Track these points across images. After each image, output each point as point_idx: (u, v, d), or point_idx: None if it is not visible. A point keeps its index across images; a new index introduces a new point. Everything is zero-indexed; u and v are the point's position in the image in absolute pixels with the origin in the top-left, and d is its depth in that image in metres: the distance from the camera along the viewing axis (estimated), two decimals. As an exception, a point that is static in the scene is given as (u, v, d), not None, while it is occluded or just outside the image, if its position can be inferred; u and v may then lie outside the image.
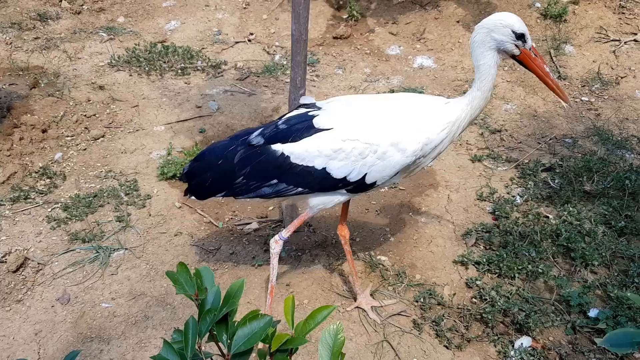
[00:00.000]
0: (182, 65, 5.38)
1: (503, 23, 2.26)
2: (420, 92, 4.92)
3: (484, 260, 3.14)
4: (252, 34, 6.09)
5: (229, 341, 1.35)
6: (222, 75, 5.31)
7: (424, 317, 2.82)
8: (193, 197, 2.68)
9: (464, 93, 2.49)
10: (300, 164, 2.39)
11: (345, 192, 2.47)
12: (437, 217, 3.52)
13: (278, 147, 2.42)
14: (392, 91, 4.91)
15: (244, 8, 6.46)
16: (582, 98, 4.84)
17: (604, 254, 3.17)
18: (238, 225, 3.51)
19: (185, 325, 1.34)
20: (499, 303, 2.84)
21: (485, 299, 2.90)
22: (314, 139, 2.36)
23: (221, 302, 1.38)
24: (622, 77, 5.06)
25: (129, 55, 5.46)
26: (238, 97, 4.93)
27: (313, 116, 2.43)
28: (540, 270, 3.03)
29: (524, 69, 2.40)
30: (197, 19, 6.30)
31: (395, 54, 5.66)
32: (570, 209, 3.44)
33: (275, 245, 2.59)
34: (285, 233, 2.60)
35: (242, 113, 4.72)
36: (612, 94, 4.86)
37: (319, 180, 2.40)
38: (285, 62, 5.55)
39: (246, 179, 2.49)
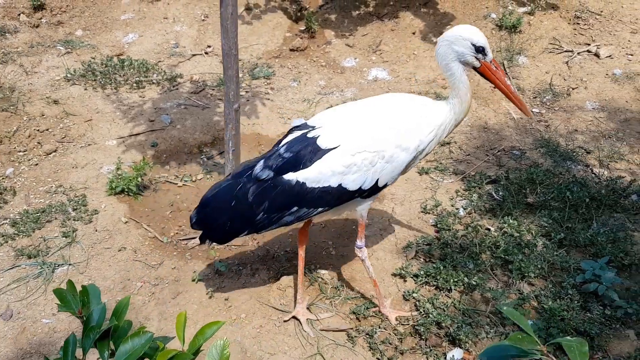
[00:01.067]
0: (138, 78, 5.36)
1: (463, 36, 2.36)
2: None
3: (422, 272, 3.16)
4: (209, 46, 6.10)
5: (110, 358, 1.37)
6: (177, 89, 5.30)
7: (358, 330, 2.83)
8: (214, 244, 2.75)
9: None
10: (317, 187, 2.44)
11: (360, 199, 2.58)
12: (380, 230, 3.54)
13: (291, 177, 2.45)
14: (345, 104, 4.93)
15: (203, 20, 6.47)
16: (533, 110, 4.92)
17: (541, 265, 3.21)
18: (183, 240, 3.50)
19: (65, 343, 1.36)
20: (432, 315, 2.86)
21: (420, 311, 2.91)
22: (326, 161, 2.41)
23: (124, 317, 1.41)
24: (573, 89, 5.16)
25: (84, 68, 5.43)
26: (192, 111, 4.92)
27: (315, 137, 2.45)
28: (475, 283, 3.05)
29: (478, 80, 2.43)
30: (155, 32, 6.28)
31: (350, 66, 5.70)
32: (511, 221, 3.49)
33: (360, 252, 2.77)
34: (359, 242, 2.76)
35: (195, 127, 4.71)
36: (563, 105, 4.95)
37: (337, 197, 2.48)
38: (241, 75, 5.55)
39: (266, 213, 2.51)
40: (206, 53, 5.97)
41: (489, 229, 3.54)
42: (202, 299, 3.01)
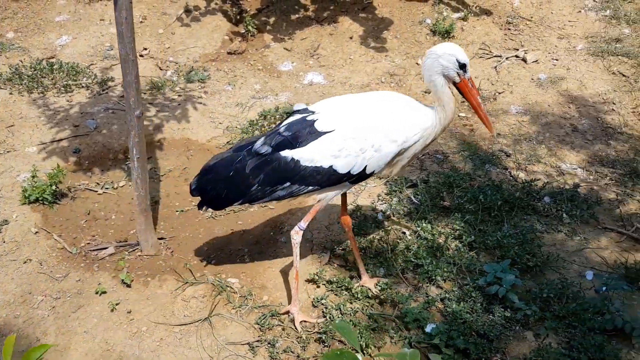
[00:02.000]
0: (67, 82, 5.26)
1: (449, 52, 2.57)
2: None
3: (335, 278, 3.19)
4: (145, 49, 6.01)
5: None
6: (107, 93, 5.22)
7: (260, 340, 2.83)
8: (210, 209, 2.87)
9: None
10: (309, 165, 2.64)
11: (348, 183, 2.77)
12: (297, 237, 3.55)
13: (288, 153, 2.66)
14: (277, 109, 4.94)
15: (141, 22, 6.37)
16: (460, 114, 5.02)
17: (449, 268, 3.28)
18: (93, 250, 3.45)
19: None
20: (336, 321, 2.89)
21: (326, 318, 2.94)
22: (320, 142, 2.62)
23: None
24: (499, 93, 5.28)
25: (11, 72, 5.29)
26: (119, 115, 4.85)
27: (313, 121, 2.67)
28: (382, 287, 3.10)
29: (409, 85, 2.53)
30: (90, 34, 6.16)
31: (287, 70, 5.71)
32: (424, 224, 3.55)
33: (297, 235, 2.83)
34: (303, 223, 2.84)
35: (121, 132, 4.65)
36: (489, 109, 5.06)
37: (327, 177, 2.67)
38: (175, 79, 5.51)
39: (261, 185, 2.71)
40: (141, 56, 5.88)
41: (404, 233, 3.60)
42: (104, 312, 2.97)
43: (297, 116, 2.77)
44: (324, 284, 3.19)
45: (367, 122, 2.66)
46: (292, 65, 5.77)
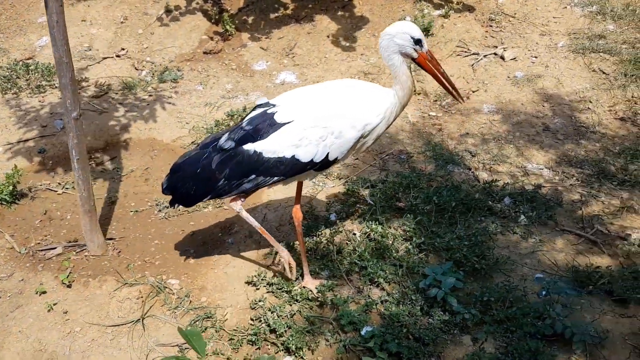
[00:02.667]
0: (40, 83, 5.29)
1: (403, 30, 2.64)
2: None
3: (276, 280, 3.16)
4: (123, 49, 6.03)
5: None
6: (79, 93, 5.22)
7: (190, 342, 2.81)
8: (181, 206, 2.97)
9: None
10: (272, 157, 2.71)
11: (313, 171, 2.84)
12: (244, 237, 3.54)
13: (250, 147, 2.73)
14: (245, 109, 4.93)
15: (122, 23, 6.40)
16: (430, 113, 4.95)
17: (395, 270, 3.23)
18: (42, 250, 3.46)
19: None
20: (269, 323, 2.86)
21: (261, 320, 2.91)
22: (280, 133, 2.69)
23: None
24: (474, 91, 5.19)
25: (-12, 73, 5.35)
26: (88, 115, 4.87)
27: (273, 113, 2.74)
28: (320, 290, 3.06)
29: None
30: (70, 34, 6.07)
31: (261, 70, 5.68)
32: (374, 226, 3.50)
33: (235, 203, 2.90)
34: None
35: (88, 132, 4.65)
36: (461, 108, 4.98)
37: (291, 167, 2.74)
38: (149, 79, 5.52)
39: (227, 179, 2.78)
40: (118, 56, 5.92)
41: (354, 234, 3.55)
42: (41, 312, 2.98)
43: (259, 110, 2.84)
44: (265, 286, 3.15)
45: (325, 110, 2.71)
46: (267, 65, 5.75)
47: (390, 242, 3.43)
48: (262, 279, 3.17)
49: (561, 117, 4.79)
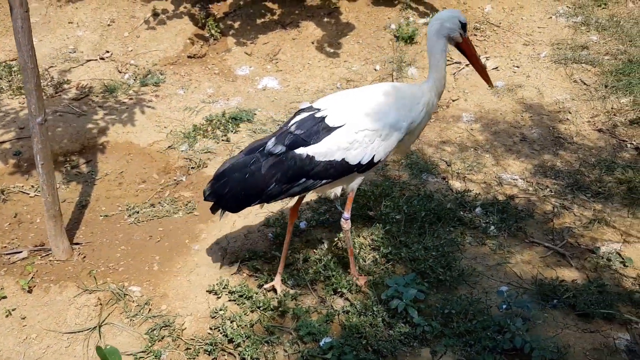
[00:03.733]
0: (21, 84, 5.27)
1: (453, 14, 2.81)
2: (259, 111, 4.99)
3: (239, 289, 3.14)
4: (108, 51, 6.04)
5: None
6: (59, 95, 5.24)
7: (146, 351, 2.79)
8: (227, 212, 2.96)
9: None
10: (323, 160, 2.76)
11: (357, 173, 2.89)
12: (213, 245, 3.52)
13: (302, 151, 2.77)
14: (224, 114, 4.92)
15: (108, 25, 6.40)
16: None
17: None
18: (7, 254, 3.44)
19: None
20: (227, 332, 2.85)
21: (219, 330, 2.90)
22: (333, 137, 2.74)
23: None
24: (454, 100, 5.18)
25: (-30, 74, 5.34)
26: (66, 118, 4.86)
27: (323, 117, 2.79)
28: (280, 299, 3.05)
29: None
30: (56, 36, 6.21)
31: (243, 74, 5.68)
32: (341, 234, 3.48)
33: (346, 224, 3.03)
34: (346, 214, 3.03)
35: (64, 135, 4.66)
36: (440, 116, 4.97)
37: (340, 170, 2.80)
38: (132, 82, 5.52)
39: (277, 184, 2.79)
40: (102, 58, 5.92)
41: (323, 242, 3.53)
42: (-2, 318, 2.96)
43: (305, 114, 2.86)
44: (227, 294, 3.13)
45: (374, 114, 2.79)
46: (250, 70, 5.74)
47: (357, 251, 3.41)
48: (224, 287, 3.15)
49: (540, 128, 4.78)
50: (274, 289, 3.17)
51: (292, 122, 2.87)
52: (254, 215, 3.83)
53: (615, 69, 5.39)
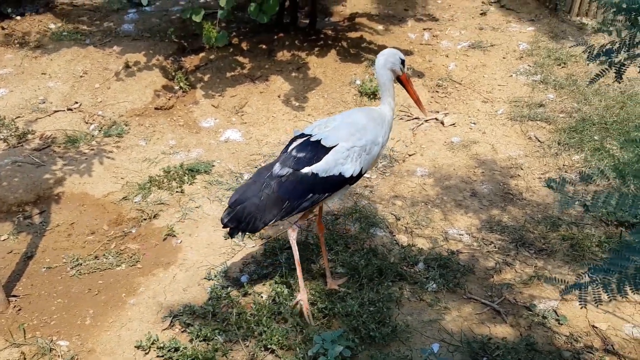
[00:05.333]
0: (-16, 133, 5.37)
1: (394, 52, 3.32)
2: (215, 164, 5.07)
3: (167, 344, 3.13)
4: (77, 102, 6.16)
5: None
6: (22, 145, 5.32)
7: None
8: (247, 234, 3.46)
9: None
10: (325, 175, 3.16)
11: (348, 185, 3.32)
12: (148, 298, 3.53)
13: (307, 170, 3.16)
14: (182, 165, 4.99)
15: (81, 76, 6.56)
16: (365, 175, 5.00)
17: (293, 336, 3.21)
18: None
19: None
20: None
21: (141, 387, 2.87)
22: (331, 155, 3.16)
23: None
24: (410, 155, 5.28)
25: (-62, 124, 5.44)
26: (25, 168, 4.93)
27: (319, 140, 3.20)
28: (213, 354, 3.04)
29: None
30: (27, 87, 6.35)
31: (208, 126, 5.79)
32: (279, 289, 3.50)
33: (292, 232, 3.35)
34: (300, 222, 3.43)
35: (20, 185, 4.71)
36: (396, 170, 5.06)
37: (338, 183, 3.21)
38: (96, 133, 5.61)
39: (290, 202, 3.15)
40: (70, 109, 6.03)
41: (262, 297, 3.54)
42: None
43: (300, 140, 3.27)
44: (155, 350, 3.12)
45: (357, 133, 3.23)
46: (214, 122, 5.86)
47: (294, 306, 3.41)
48: (152, 343, 3.13)
49: (491, 183, 4.86)
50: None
51: (291, 147, 3.25)
52: (196, 268, 3.85)
53: (569, 126, 5.52)
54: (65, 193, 4.72)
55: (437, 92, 6.30)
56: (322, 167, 3.17)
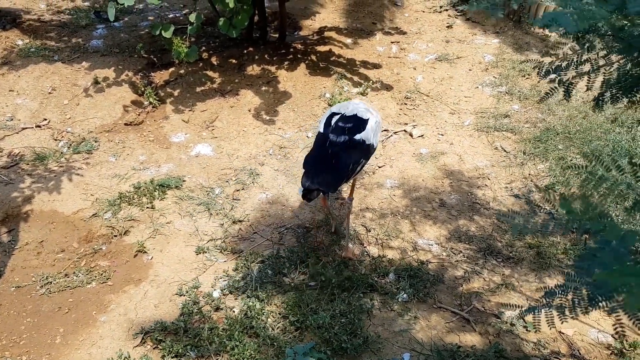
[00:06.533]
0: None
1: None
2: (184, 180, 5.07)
3: (141, 360, 3.12)
4: (46, 119, 6.10)
5: None
6: (-12, 163, 5.23)
7: None
8: (321, 194, 3.58)
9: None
10: (368, 143, 3.60)
11: (365, 162, 3.72)
12: (119, 316, 3.51)
13: (359, 137, 3.58)
14: (152, 181, 4.98)
15: (49, 93, 6.49)
16: (343, 187, 5.06)
17: (264, 350, 3.22)
18: None
19: None
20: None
21: (112, 405, 2.85)
22: (369, 125, 3.63)
23: None
24: (380, 167, 5.36)
25: None
26: (-8, 187, 4.85)
27: (355, 114, 3.68)
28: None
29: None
30: (-6, 105, 6.25)
31: (178, 142, 5.79)
32: (251, 303, 3.52)
33: (350, 204, 4.08)
34: (351, 196, 4.08)
35: (-12, 204, 4.63)
36: (366, 183, 5.12)
37: (371, 151, 3.70)
38: (65, 150, 5.56)
39: (352, 164, 3.51)
40: (38, 126, 5.97)
41: (234, 311, 3.55)
42: None
43: (337, 116, 3.70)
44: (126, 367, 3.10)
45: (374, 112, 3.82)
46: (185, 137, 5.86)
47: (266, 319, 3.44)
48: (124, 360, 3.12)
49: (458, 193, 4.96)
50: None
51: (334, 121, 3.65)
52: (168, 284, 3.84)
53: (534, 136, 5.68)
54: (34, 211, 4.66)
55: (405, 104, 6.41)
56: (366, 136, 3.61)
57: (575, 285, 1.90)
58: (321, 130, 3.68)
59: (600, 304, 1.68)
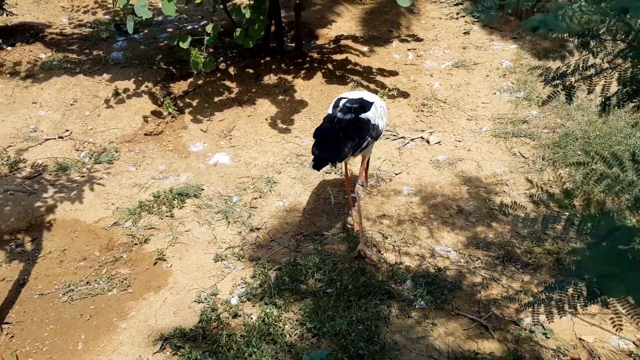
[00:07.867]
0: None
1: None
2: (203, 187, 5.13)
3: (160, 367, 3.16)
4: (68, 130, 6.23)
5: None
6: (13, 174, 5.36)
7: None
8: (329, 165, 3.74)
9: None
10: (373, 123, 3.88)
11: (374, 141, 4.04)
12: (139, 322, 3.56)
13: (364, 115, 3.87)
14: (171, 190, 5.05)
15: (71, 105, 6.63)
16: (353, 195, 5.08)
17: (282, 357, 3.24)
18: None
19: None
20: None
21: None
22: (374, 107, 3.94)
23: None
24: (397, 174, 5.37)
25: None
26: (17, 197, 4.96)
27: (361, 97, 4.00)
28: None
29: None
30: (18, 116, 6.41)
31: (196, 151, 5.86)
32: (268, 310, 3.54)
33: (359, 189, 4.18)
34: (360, 180, 4.23)
35: (12, 213, 4.74)
36: (382, 190, 5.13)
37: (377, 131, 3.96)
38: (87, 160, 5.67)
39: (358, 139, 3.76)
40: (60, 137, 6.09)
41: (252, 318, 3.58)
42: None
43: (344, 99, 3.99)
44: (146, 373, 3.14)
45: (378, 100, 4.09)
46: (203, 146, 5.94)
47: (283, 326, 3.46)
48: (143, 367, 3.17)
49: (476, 200, 4.94)
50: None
51: (342, 103, 3.92)
52: (187, 291, 3.89)
53: (553, 142, 5.63)
54: (56, 220, 4.76)
55: (422, 111, 6.41)
56: (370, 115, 3.87)
57: (575, 280, 1.89)
58: (330, 112, 3.95)
59: (598, 298, 1.67)
